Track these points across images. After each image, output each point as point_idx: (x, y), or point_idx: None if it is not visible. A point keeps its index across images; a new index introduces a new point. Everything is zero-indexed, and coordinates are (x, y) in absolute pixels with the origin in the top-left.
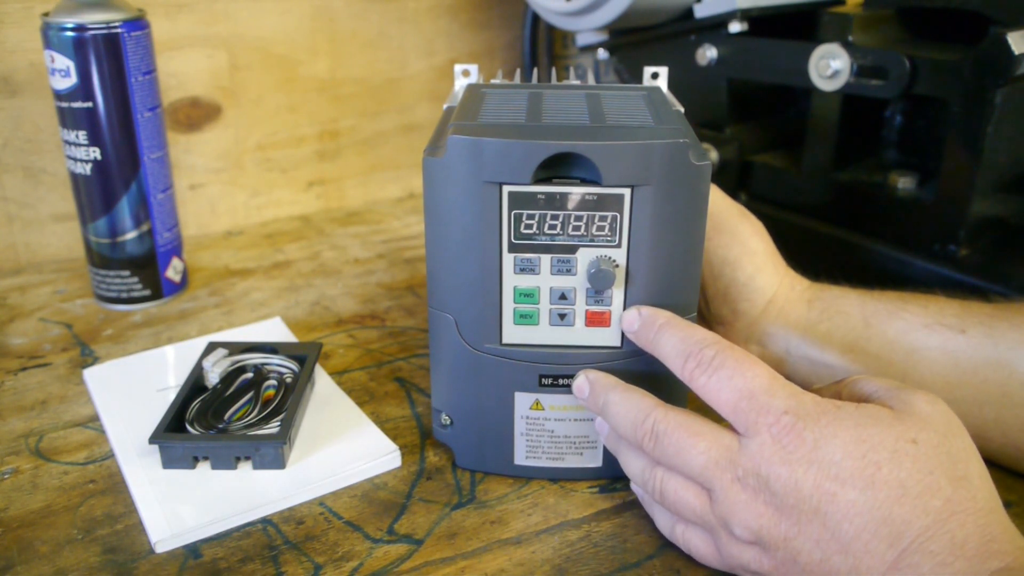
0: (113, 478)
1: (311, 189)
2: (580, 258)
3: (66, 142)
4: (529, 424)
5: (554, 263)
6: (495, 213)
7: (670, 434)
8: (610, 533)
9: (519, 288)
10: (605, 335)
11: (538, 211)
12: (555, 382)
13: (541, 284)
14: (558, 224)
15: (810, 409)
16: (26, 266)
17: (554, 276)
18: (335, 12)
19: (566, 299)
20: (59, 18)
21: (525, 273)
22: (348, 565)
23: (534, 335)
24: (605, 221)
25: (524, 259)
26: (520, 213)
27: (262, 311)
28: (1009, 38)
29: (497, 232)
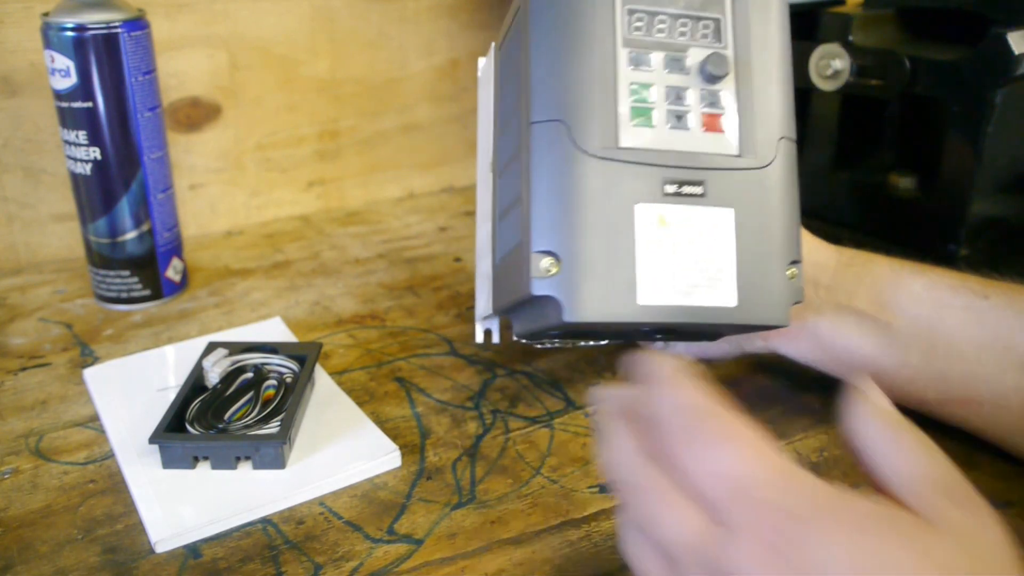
0: (113, 478)
1: (311, 189)
2: (691, 56)
3: (66, 142)
4: (654, 247)
5: (667, 61)
6: (610, 8)
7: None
8: (610, 533)
9: (635, 83)
10: (722, 142)
11: (649, 8)
12: (679, 190)
13: (656, 80)
14: (666, 27)
15: (801, 507)
16: (26, 266)
17: (668, 74)
18: (335, 12)
19: (681, 99)
20: (59, 18)
21: (640, 69)
22: (348, 565)
23: (653, 138)
24: (709, 25)
25: (638, 54)
26: (634, 9)
27: (262, 311)
28: (1009, 38)
29: (612, 26)
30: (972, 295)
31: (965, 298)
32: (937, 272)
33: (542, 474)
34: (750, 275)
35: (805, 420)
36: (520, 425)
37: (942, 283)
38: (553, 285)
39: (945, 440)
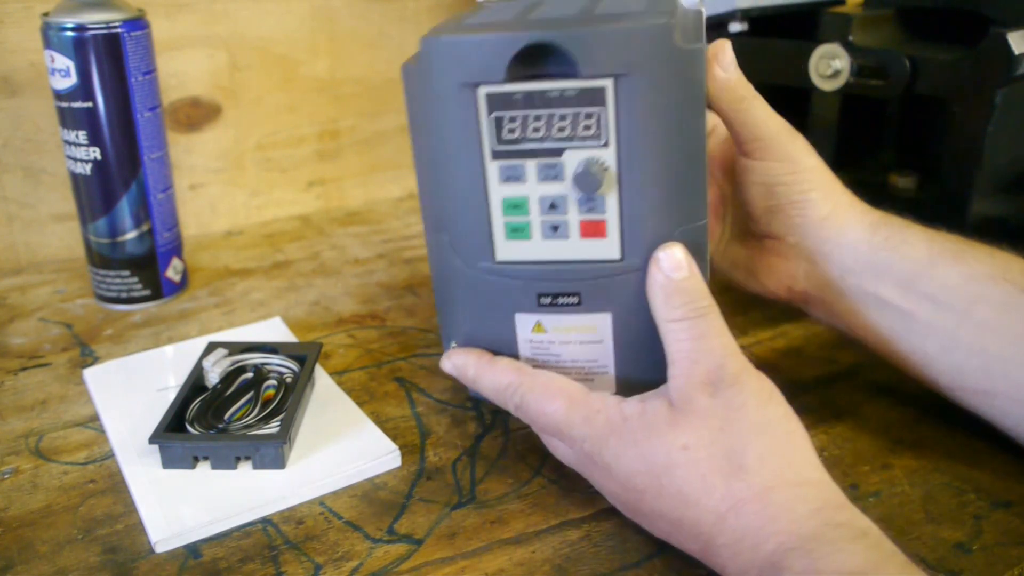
0: (113, 478)
1: (311, 189)
2: (567, 162)
3: (66, 142)
4: (534, 348)
5: (540, 169)
6: (473, 118)
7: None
8: (610, 533)
9: (507, 199)
10: (602, 247)
11: (519, 112)
12: (554, 301)
13: (529, 193)
14: (541, 125)
15: (601, 432)
16: (26, 266)
17: (542, 183)
18: (335, 12)
19: (557, 208)
20: (59, 18)
21: (511, 182)
22: (348, 565)
23: (528, 250)
24: (591, 119)
25: (509, 166)
26: (501, 116)
27: (262, 311)
28: (1009, 38)
29: (477, 139)
30: (1012, 288)
31: (1003, 292)
32: (979, 258)
33: (542, 474)
34: (631, 372)
35: (805, 420)
36: (520, 425)
37: (981, 272)
38: None
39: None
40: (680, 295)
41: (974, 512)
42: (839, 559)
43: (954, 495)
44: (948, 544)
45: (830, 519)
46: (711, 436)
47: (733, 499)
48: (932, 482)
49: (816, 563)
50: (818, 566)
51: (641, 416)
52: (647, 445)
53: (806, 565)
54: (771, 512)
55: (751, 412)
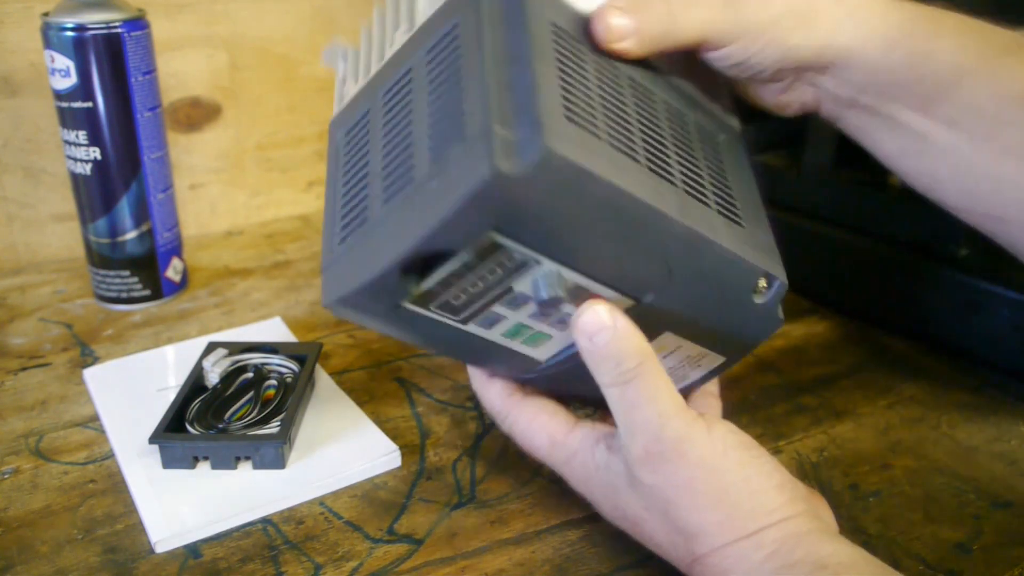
0: (113, 478)
1: (311, 189)
2: (520, 288)
3: (66, 142)
4: None
5: (508, 305)
6: (424, 318)
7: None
8: (610, 533)
9: (505, 334)
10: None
11: (449, 290)
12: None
13: (517, 319)
14: (475, 286)
15: (578, 475)
16: (26, 266)
17: (519, 310)
18: (335, 12)
19: (549, 314)
20: (59, 18)
21: (496, 324)
22: (348, 565)
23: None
24: (509, 260)
25: (483, 320)
26: (440, 303)
27: (262, 311)
28: None
29: (441, 323)
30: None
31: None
32: (1014, 75)
33: (542, 474)
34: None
35: (805, 420)
36: None
37: (1012, 92)
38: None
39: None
40: (605, 360)
41: (974, 512)
42: None
43: (954, 495)
44: (948, 544)
45: (786, 559)
46: (662, 511)
47: (694, 555)
48: (932, 482)
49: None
50: None
51: (607, 471)
52: (616, 499)
53: None
54: (728, 564)
55: (698, 483)
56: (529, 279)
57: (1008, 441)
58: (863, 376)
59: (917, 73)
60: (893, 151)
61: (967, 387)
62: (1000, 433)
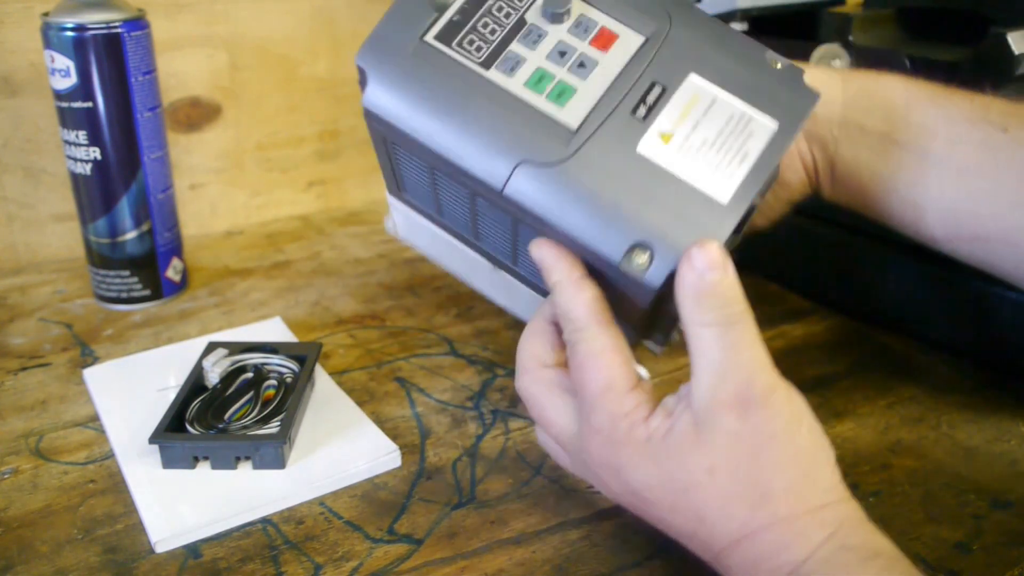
0: (113, 478)
1: (311, 189)
2: (534, 17)
3: (66, 142)
4: (684, 159)
5: (525, 42)
6: (440, 58)
7: (535, 400)
8: (610, 533)
9: (526, 83)
10: (625, 45)
11: (464, 32)
12: (647, 105)
13: (536, 63)
14: (490, 21)
15: (619, 437)
16: (26, 266)
17: (535, 49)
18: (335, 12)
19: (566, 54)
20: (59, 18)
21: (517, 71)
22: (348, 565)
23: (584, 97)
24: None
25: (504, 61)
26: (458, 42)
27: (262, 311)
28: (1009, 38)
29: (460, 68)
30: (991, 128)
31: (983, 132)
32: (955, 102)
33: (542, 474)
34: (760, 99)
35: None
36: (520, 425)
37: (959, 115)
38: (657, 269)
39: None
40: (712, 298)
41: (974, 512)
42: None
43: (954, 495)
44: (948, 544)
45: (844, 542)
46: (737, 463)
47: (753, 526)
48: (932, 482)
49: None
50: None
51: (666, 436)
52: (668, 463)
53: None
54: (787, 540)
55: (781, 440)
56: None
57: (1008, 441)
58: (863, 376)
59: (878, 107)
60: (882, 186)
61: (967, 387)
62: (1000, 433)
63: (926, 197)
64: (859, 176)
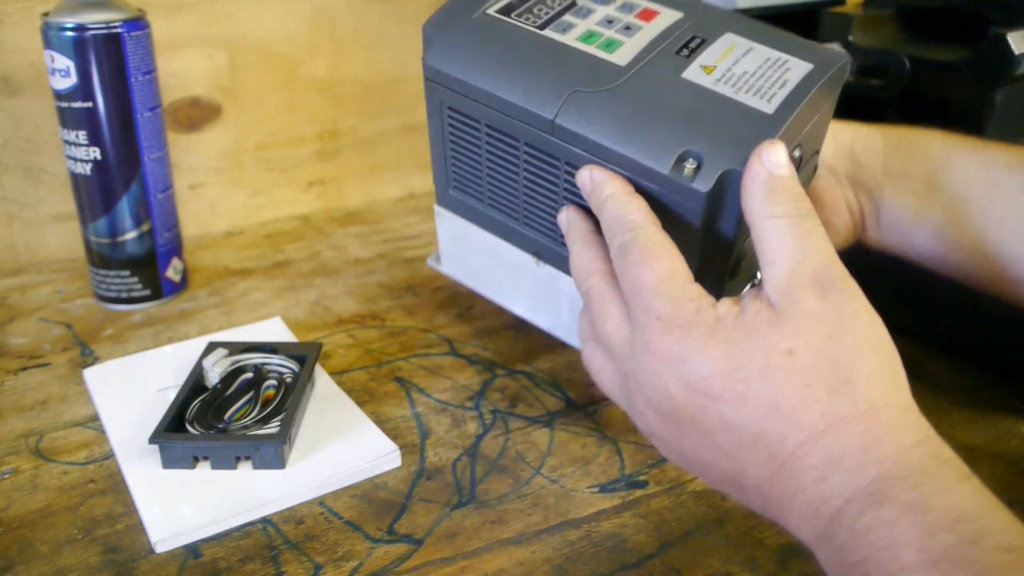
0: (113, 478)
1: (311, 189)
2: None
3: (66, 142)
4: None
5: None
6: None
7: (591, 303)
8: (610, 533)
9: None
10: (667, 14)
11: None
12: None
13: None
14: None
15: (685, 319)
16: (26, 266)
17: (587, 18)
18: (335, 12)
19: (613, 21)
20: (59, 18)
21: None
22: (348, 565)
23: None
24: None
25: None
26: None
27: (262, 311)
28: (1009, 38)
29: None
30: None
31: (1019, 177)
32: (993, 151)
33: (542, 474)
34: (794, 50)
35: None
36: (520, 425)
37: (998, 162)
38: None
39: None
40: (783, 192)
41: None
42: (949, 498)
43: None
44: None
45: (937, 453)
46: (820, 342)
47: (834, 416)
48: None
49: (925, 498)
50: (927, 502)
51: (738, 317)
52: (742, 344)
53: (913, 499)
54: (876, 435)
55: (863, 323)
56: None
57: (1008, 441)
58: None
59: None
60: (925, 235)
61: (967, 387)
62: (1000, 433)
63: (971, 241)
64: (904, 221)
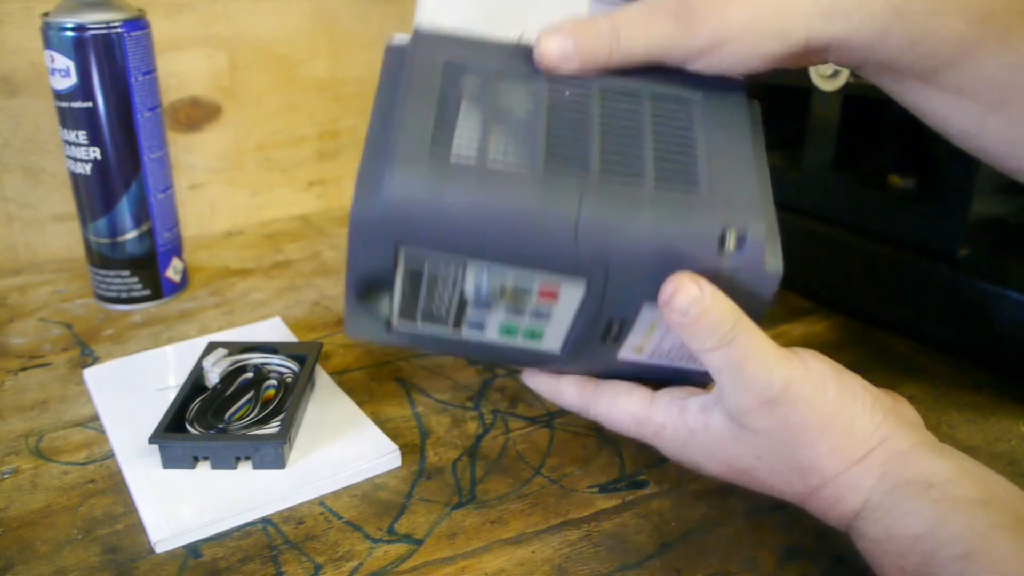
0: (113, 478)
1: (311, 189)
2: (471, 285)
3: (66, 142)
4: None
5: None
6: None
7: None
8: (610, 533)
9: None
10: (570, 291)
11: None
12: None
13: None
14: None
15: (672, 444)
16: (26, 266)
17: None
18: (335, 12)
19: (520, 307)
20: (59, 18)
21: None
22: (348, 565)
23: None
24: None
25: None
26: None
27: (262, 311)
28: None
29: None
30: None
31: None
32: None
33: (542, 474)
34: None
35: None
36: (520, 425)
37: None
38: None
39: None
40: (703, 329)
41: None
42: (905, 523)
43: None
44: None
45: (895, 481)
46: (779, 449)
47: (808, 489)
48: None
49: (887, 530)
50: (889, 532)
51: (706, 431)
52: (721, 454)
53: (878, 532)
54: (840, 493)
55: (809, 420)
56: (471, 282)
57: (1008, 441)
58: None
59: (918, 52)
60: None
61: (967, 387)
62: (1000, 433)
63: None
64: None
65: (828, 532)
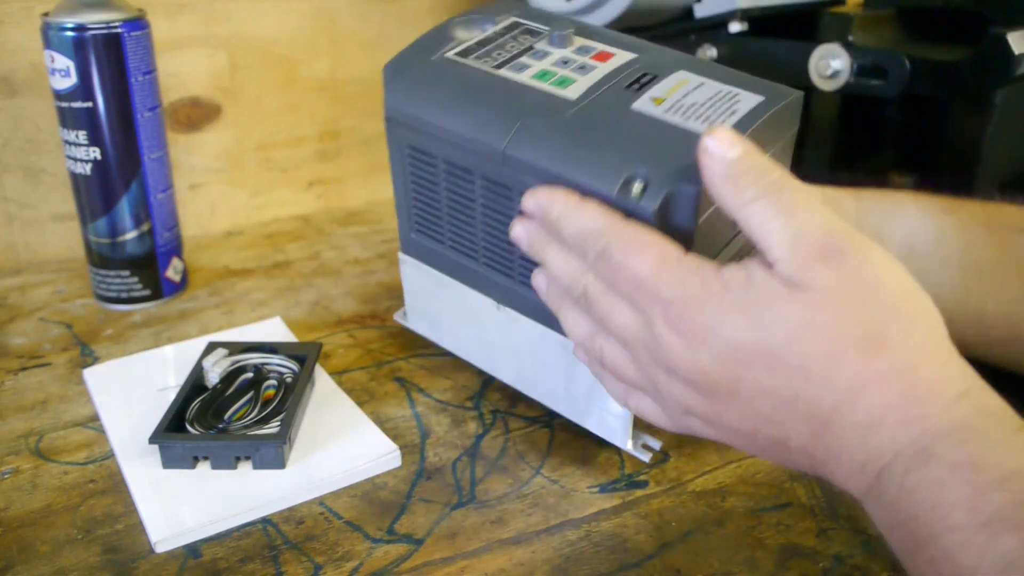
0: (113, 478)
1: (311, 189)
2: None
3: (66, 142)
4: (676, 113)
5: (532, 56)
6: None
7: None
8: (610, 533)
9: (535, 75)
10: (619, 58)
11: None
12: (640, 82)
13: (545, 63)
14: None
15: (696, 295)
16: (26, 266)
17: (541, 57)
18: (336, 12)
19: (568, 61)
20: (59, 18)
21: (525, 69)
22: (348, 565)
23: (585, 83)
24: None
25: (512, 65)
26: (469, 50)
27: (262, 311)
28: (1009, 38)
29: (475, 72)
30: (1008, 231)
31: (1000, 235)
32: (968, 210)
33: (542, 474)
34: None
35: None
36: (520, 425)
37: (974, 223)
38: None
39: None
40: (745, 174)
41: None
42: (999, 454)
43: None
44: None
45: (983, 404)
46: (843, 312)
47: (870, 375)
48: None
49: (972, 456)
50: (975, 460)
51: (747, 285)
52: (759, 315)
53: (960, 456)
54: (917, 391)
55: (890, 285)
56: (545, 39)
57: None
58: None
59: (887, 217)
60: None
61: None
62: None
63: (952, 303)
64: None
65: (828, 532)
